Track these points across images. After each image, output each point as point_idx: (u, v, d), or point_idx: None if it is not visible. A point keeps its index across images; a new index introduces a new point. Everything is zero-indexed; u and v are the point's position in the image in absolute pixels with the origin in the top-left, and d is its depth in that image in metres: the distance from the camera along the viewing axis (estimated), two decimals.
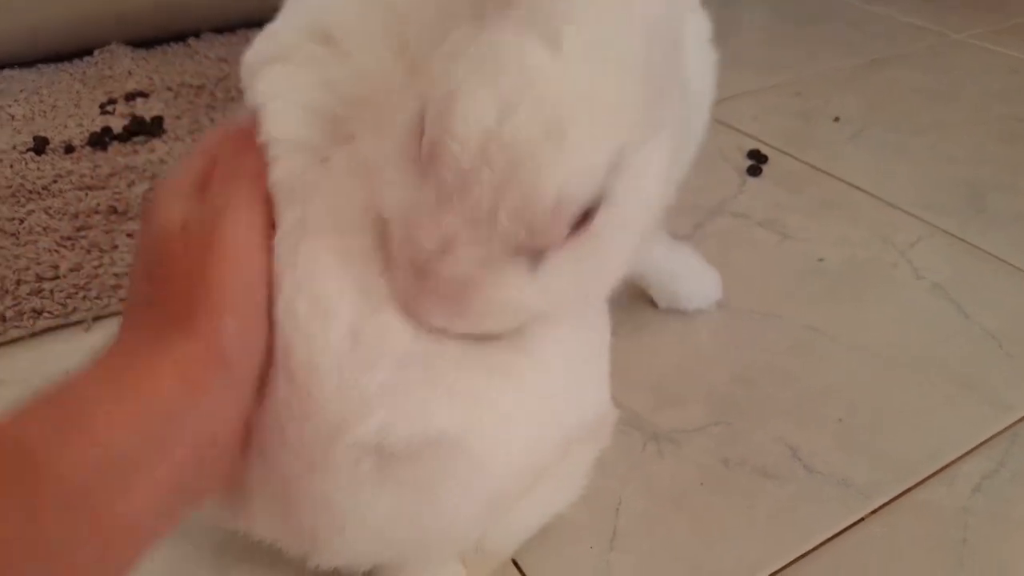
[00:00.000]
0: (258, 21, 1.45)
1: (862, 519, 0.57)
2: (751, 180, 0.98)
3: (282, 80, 0.42)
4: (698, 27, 0.52)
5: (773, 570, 0.54)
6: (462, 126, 0.32)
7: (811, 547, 0.56)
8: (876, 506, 0.58)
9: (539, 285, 0.35)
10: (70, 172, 0.96)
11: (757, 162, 1.00)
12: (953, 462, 0.62)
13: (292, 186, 0.39)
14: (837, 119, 1.14)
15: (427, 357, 0.38)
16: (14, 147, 1.02)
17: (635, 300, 0.77)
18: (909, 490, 0.59)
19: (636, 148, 0.34)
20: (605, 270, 0.39)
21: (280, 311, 0.38)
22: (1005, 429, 0.64)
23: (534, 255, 0.35)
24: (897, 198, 0.95)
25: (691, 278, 0.75)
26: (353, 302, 0.38)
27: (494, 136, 0.32)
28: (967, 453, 0.62)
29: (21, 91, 1.19)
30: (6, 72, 1.25)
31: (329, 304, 0.37)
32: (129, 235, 0.85)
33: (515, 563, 0.54)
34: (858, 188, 0.97)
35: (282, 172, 0.39)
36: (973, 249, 0.87)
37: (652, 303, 0.77)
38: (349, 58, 0.42)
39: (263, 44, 0.46)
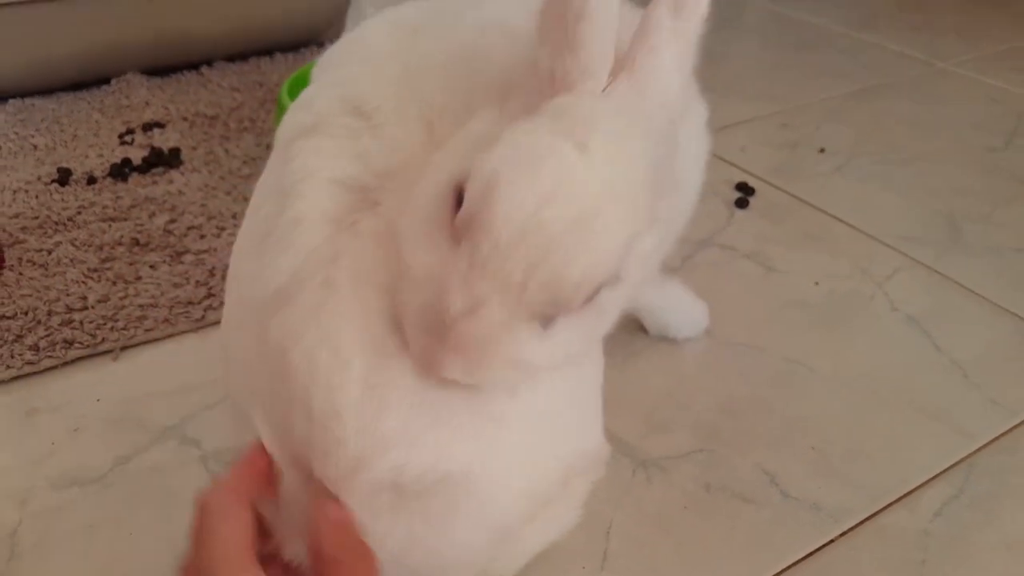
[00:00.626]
0: (268, 50, 1.50)
1: (831, 541, 0.63)
2: (738, 212, 1.04)
3: (314, 156, 0.47)
4: (697, 114, 0.58)
5: None
6: (505, 207, 0.37)
7: (784, 567, 0.61)
8: (844, 529, 0.63)
9: (547, 345, 0.41)
10: (93, 203, 1.02)
11: (744, 194, 1.06)
12: (917, 488, 0.67)
13: (321, 250, 0.44)
14: (823, 150, 1.20)
15: (435, 403, 0.43)
16: (39, 178, 1.08)
17: (624, 330, 0.82)
18: (875, 514, 0.65)
19: (641, 237, 0.40)
20: (600, 332, 0.45)
21: (299, 358, 0.42)
22: (966, 457, 0.70)
23: (546, 320, 0.40)
24: (877, 230, 1.01)
25: (681, 310, 0.81)
26: (368, 353, 0.42)
27: (533, 220, 0.37)
28: (930, 480, 0.68)
29: (42, 120, 1.24)
30: (27, 101, 1.30)
31: (347, 354, 0.42)
32: (151, 267, 0.90)
33: None
34: (840, 220, 1.03)
35: (313, 239, 0.44)
36: (947, 281, 0.92)
37: (641, 330, 0.82)
38: (380, 131, 0.47)
39: (299, 115, 0.50)
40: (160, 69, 1.39)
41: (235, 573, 0.39)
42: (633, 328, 0.83)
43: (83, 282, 0.88)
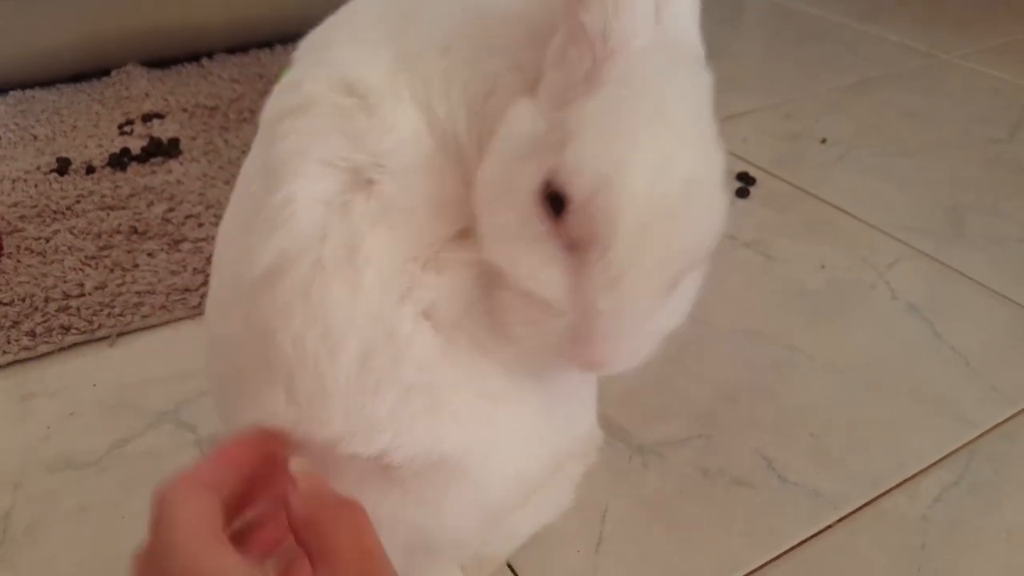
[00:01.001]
0: (268, 42, 1.51)
1: (830, 526, 0.62)
2: (739, 202, 1.03)
3: (303, 136, 0.46)
4: None
5: (745, 572, 0.59)
6: (624, 218, 0.36)
7: (781, 551, 0.60)
8: (843, 514, 0.63)
9: (677, 305, 0.41)
10: (92, 192, 1.02)
11: (745, 184, 1.05)
12: (916, 474, 0.66)
13: (310, 231, 0.43)
14: (824, 141, 1.19)
15: (431, 385, 0.42)
16: (38, 168, 1.08)
17: None
18: (874, 500, 0.64)
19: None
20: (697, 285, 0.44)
21: (286, 338, 0.42)
22: (967, 444, 0.69)
23: (674, 286, 0.40)
24: (879, 220, 1.00)
25: None
26: (362, 334, 0.42)
27: (651, 205, 0.36)
28: (930, 466, 0.67)
29: (43, 111, 1.24)
30: (28, 92, 1.30)
31: (338, 336, 0.42)
32: (149, 254, 0.90)
33: (510, 566, 0.59)
34: (841, 210, 1.02)
35: (302, 220, 0.43)
36: (949, 270, 0.91)
37: None
38: (374, 111, 0.46)
39: (285, 96, 0.49)
40: (160, 61, 1.38)
41: (198, 553, 0.35)
42: None
43: (80, 269, 0.88)
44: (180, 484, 0.38)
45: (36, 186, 1.03)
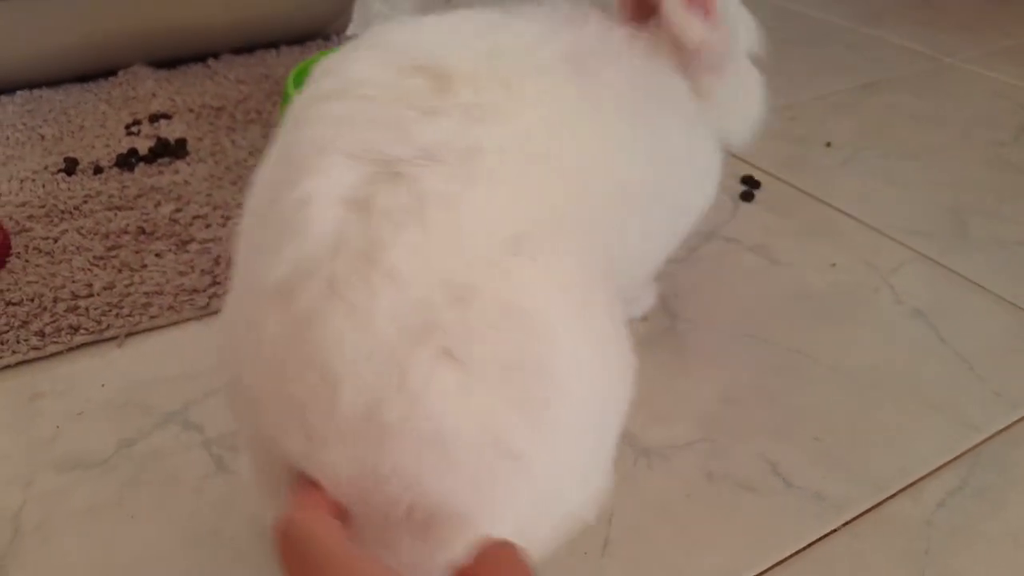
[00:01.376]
0: (274, 43, 1.51)
1: (834, 530, 0.63)
2: (744, 205, 1.03)
3: (331, 123, 0.42)
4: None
5: None
6: None
7: (785, 556, 0.61)
8: (847, 519, 0.63)
9: None
10: (99, 193, 1.02)
11: (750, 188, 1.05)
12: (920, 479, 0.67)
13: (326, 239, 0.38)
14: (829, 144, 1.19)
15: (446, 437, 0.38)
16: (46, 167, 1.08)
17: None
18: (878, 504, 0.64)
19: None
20: None
21: (293, 374, 0.38)
22: (971, 449, 0.69)
23: None
24: (883, 223, 1.00)
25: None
26: (366, 381, 0.37)
27: None
28: (934, 471, 0.67)
29: (50, 111, 1.25)
30: (35, 92, 1.31)
31: (337, 380, 0.37)
32: (157, 255, 0.91)
33: None
34: (846, 214, 1.02)
35: (319, 226, 0.39)
36: (953, 275, 0.91)
37: (643, 323, 0.82)
38: (450, 91, 0.43)
39: (323, 81, 0.46)
40: (167, 61, 1.39)
41: (352, 558, 0.34)
42: (631, 321, 0.83)
43: (89, 270, 0.88)
44: (300, 510, 0.38)
45: (44, 186, 1.04)
